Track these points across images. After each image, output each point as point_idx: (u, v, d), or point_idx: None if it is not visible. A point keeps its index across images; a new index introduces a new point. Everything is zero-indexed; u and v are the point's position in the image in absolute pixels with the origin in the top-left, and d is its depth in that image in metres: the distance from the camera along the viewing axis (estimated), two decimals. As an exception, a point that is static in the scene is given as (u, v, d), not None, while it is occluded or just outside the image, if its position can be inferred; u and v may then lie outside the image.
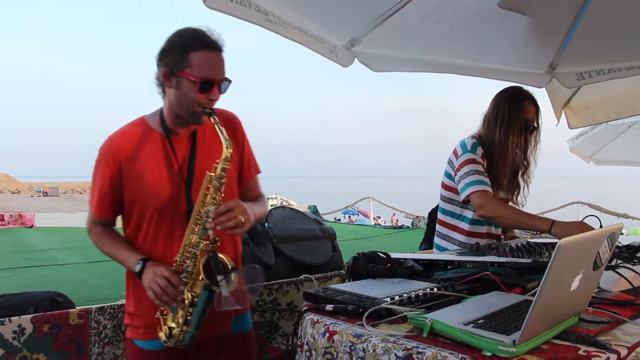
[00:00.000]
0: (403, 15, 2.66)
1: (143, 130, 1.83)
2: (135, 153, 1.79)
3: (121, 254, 1.82)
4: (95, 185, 1.83)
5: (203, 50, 1.68)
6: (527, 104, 2.61)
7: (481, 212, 2.48)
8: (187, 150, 1.83)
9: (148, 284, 1.68)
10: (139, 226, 1.83)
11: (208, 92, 1.70)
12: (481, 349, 1.13)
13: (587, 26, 2.88)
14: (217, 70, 1.71)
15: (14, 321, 2.10)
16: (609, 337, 1.25)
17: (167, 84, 1.75)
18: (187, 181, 1.79)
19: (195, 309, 1.68)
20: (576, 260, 1.20)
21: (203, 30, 1.71)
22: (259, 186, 2.06)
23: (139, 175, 1.78)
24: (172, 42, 1.71)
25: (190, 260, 1.69)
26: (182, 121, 1.80)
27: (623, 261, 1.95)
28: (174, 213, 1.79)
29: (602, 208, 8.93)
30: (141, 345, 1.86)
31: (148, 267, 1.72)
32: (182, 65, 1.68)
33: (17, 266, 4.40)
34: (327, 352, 1.34)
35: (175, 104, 1.75)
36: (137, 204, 1.80)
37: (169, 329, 1.73)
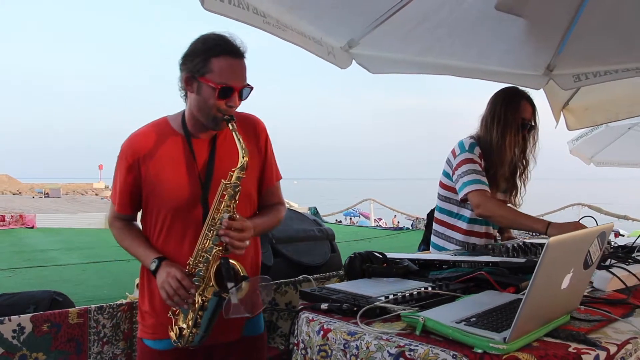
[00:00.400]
0: (401, 17, 2.68)
1: (164, 130, 1.86)
2: (154, 152, 1.82)
3: (139, 250, 1.84)
4: (117, 181, 1.87)
5: (224, 57, 1.69)
6: (523, 103, 2.63)
7: (478, 211, 2.50)
8: (206, 154, 1.84)
9: (161, 284, 1.71)
10: (154, 224, 1.86)
11: (228, 98, 1.71)
12: (472, 346, 1.15)
13: (584, 28, 2.90)
14: (238, 77, 1.72)
15: (14, 320, 2.11)
16: (600, 335, 1.26)
17: (188, 89, 1.77)
18: (204, 184, 1.81)
19: (205, 312, 1.70)
20: (566, 259, 1.21)
21: (226, 37, 1.73)
22: (280, 192, 2.07)
23: (158, 175, 1.81)
24: (195, 47, 1.73)
25: (203, 264, 1.70)
26: (202, 126, 1.81)
27: (617, 261, 1.96)
28: (189, 215, 1.81)
29: (603, 210, 8.92)
30: (150, 345, 1.88)
31: (163, 266, 1.75)
32: (203, 70, 1.69)
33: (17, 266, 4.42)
34: (322, 349, 1.36)
35: (195, 108, 1.77)
36: (154, 202, 1.83)
37: (179, 329, 1.74)
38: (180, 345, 1.75)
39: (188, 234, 1.81)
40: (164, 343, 1.83)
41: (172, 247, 1.83)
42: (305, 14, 2.44)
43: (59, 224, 9.42)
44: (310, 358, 1.41)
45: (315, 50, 2.54)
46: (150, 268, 1.77)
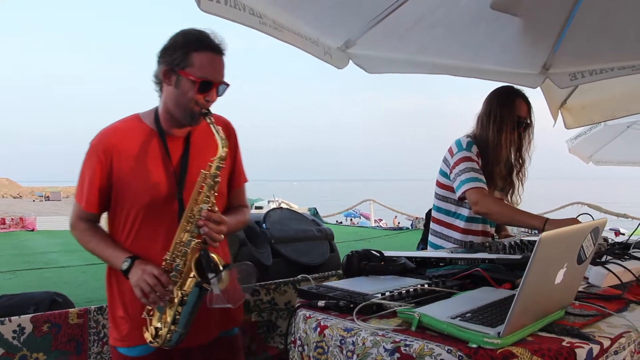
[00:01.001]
0: (397, 17, 2.69)
1: (137, 126, 1.83)
2: (127, 148, 1.79)
3: (107, 251, 1.80)
4: (85, 178, 1.81)
5: (205, 52, 1.71)
6: (518, 101, 2.65)
7: (476, 208, 2.51)
8: (181, 151, 1.84)
9: (136, 282, 1.68)
10: (123, 224, 1.82)
11: (206, 92, 1.72)
12: (467, 341, 1.16)
13: (579, 27, 2.91)
14: (217, 73, 1.74)
15: (14, 321, 2.13)
16: (594, 330, 1.28)
17: (166, 82, 1.75)
18: (179, 181, 1.80)
19: (184, 307, 1.69)
20: (559, 254, 1.22)
21: (207, 33, 1.74)
22: (245, 196, 2.08)
23: (131, 171, 1.78)
24: (175, 41, 1.73)
25: (181, 258, 1.70)
26: (176, 122, 1.81)
27: (613, 257, 1.97)
28: (163, 212, 1.79)
29: (602, 208, 8.92)
30: (125, 352, 1.84)
31: (136, 265, 1.72)
32: (184, 64, 1.70)
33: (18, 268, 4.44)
34: (319, 346, 1.37)
35: (172, 102, 1.76)
36: (125, 200, 1.79)
37: (155, 329, 1.72)
38: (157, 345, 1.72)
39: (161, 231, 1.79)
40: (139, 349, 1.80)
41: (143, 245, 1.79)
42: (301, 15, 2.45)
43: (59, 226, 9.43)
44: (308, 355, 1.42)
45: (312, 50, 2.55)
46: (121, 268, 1.73)
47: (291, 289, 2.87)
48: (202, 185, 1.70)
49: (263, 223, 3.46)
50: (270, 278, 2.94)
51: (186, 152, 1.84)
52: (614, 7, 2.77)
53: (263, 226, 3.42)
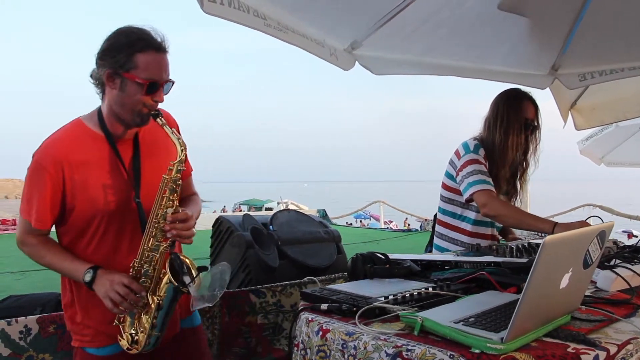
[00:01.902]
0: (403, 18, 2.68)
1: (82, 133, 1.76)
2: (77, 158, 1.71)
3: (65, 264, 1.72)
4: (34, 194, 1.70)
5: (149, 52, 1.65)
6: (525, 103, 2.62)
7: (485, 210, 2.48)
8: (131, 153, 1.80)
9: (105, 293, 1.64)
10: (81, 235, 1.75)
11: (154, 93, 1.68)
12: (470, 346, 1.14)
13: (588, 27, 2.88)
14: (163, 72, 1.69)
15: (21, 322, 2.14)
16: (600, 335, 1.25)
17: (110, 85, 1.69)
18: (134, 184, 1.76)
19: (160, 311, 1.68)
20: (564, 258, 1.20)
21: (148, 31, 1.68)
22: (193, 184, 2.06)
23: (85, 181, 1.71)
24: (116, 42, 1.66)
25: (149, 264, 1.69)
26: (124, 124, 1.75)
27: (623, 261, 1.94)
28: (123, 217, 1.75)
29: (614, 210, 8.81)
30: (93, 352, 1.79)
31: (100, 275, 1.67)
32: (128, 66, 1.64)
33: (27, 269, 4.46)
34: (321, 350, 1.36)
35: (117, 105, 1.70)
36: (83, 210, 1.72)
37: (130, 335, 1.71)
38: (136, 351, 1.71)
39: (124, 237, 1.76)
40: (109, 349, 1.78)
41: (105, 254, 1.75)
42: (306, 16, 2.45)
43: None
44: (310, 358, 1.41)
45: (318, 52, 2.54)
46: (84, 280, 1.66)
47: (297, 291, 2.86)
48: (164, 190, 1.68)
49: (270, 225, 3.45)
50: (276, 280, 2.93)
51: (137, 153, 1.80)
52: (624, 7, 2.73)
53: (270, 228, 3.42)
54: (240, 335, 2.70)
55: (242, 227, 3.27)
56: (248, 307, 2.72)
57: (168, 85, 1.72)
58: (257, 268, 3.04)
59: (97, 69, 1.70)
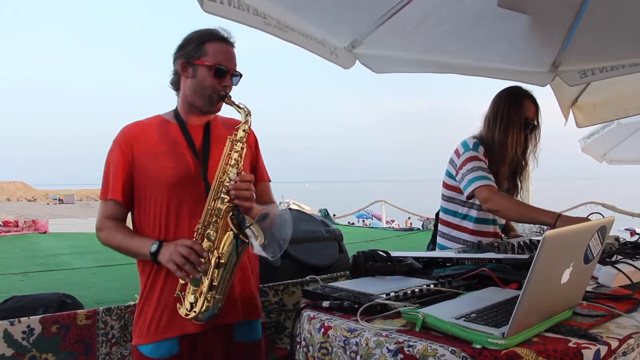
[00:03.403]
0: (403, 16, 2.68)
1: (157, 120, 1.93)
2: (148, 139, 1.86)
3: (134, 241, 1.82)
4: (109, 171, 1.86)
5: (217, 42, 1.84)
6: (526, 102, 2.61)
7: (487, 205, 2.48)
8: (201, 137, 1.91)
9: (169, 257, 1.69)
10: (152, 209, 1.84)
11: (222, 78, 1.83)
12: (471, 341, 1.15)
13: (589, 24, 2.88)
14: (231, 61, 1.86)
15: (23, 322, 2.14)
16: (602, 330, 1.25)
17: (184, 74, 1.86)
18: (203, 162, 1.85)
19: (220, 269, 1.70)
20: (565, 253, 1.20)
21: (216, 28, 1.88)
22: (271, 193, 2.12)
23: (153, 159, 1.84)
24: (188, 37, 1.86)
25: (213, 225, 1.73)
26: (197, 110, 1.89)
27: (624, 257, 1.94)
28: (190, 192, 1.83)
29: (617, 208, 8.80)
30: (147, 353, 1.83)
31: (166, 244, 1.74)
32: (198, 54, 1.82)
33: (30, 270, 4.48)
34: (323, 347, 1.37)
35: (191, 92, 1.86)
36: (150, 186, 1.83)
37: (190, 304, 1.72)
38: (192, 317, 1.71)
39: (188, 212, 1.82)
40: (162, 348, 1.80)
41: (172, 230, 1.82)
42: (306, 15, 2.45)
43: (71, 228, 9.49)
44: (312, 356, 1.42)
45: (318, 50, 2.54)
46: (150, 251, 1.74)
47: (299, 290, 2.86)
48: (229, 152, 1.77)
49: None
50: (278, 279, 2.93)
51: (207, 137, 1.92)
52: (624, 3, 2.73)
53: (271, 227, 3.42)
54: (243, 334, 2.70)
55: (244, 226, 3.27)
56: (250, 306, 2.73)
57: (236, 78, 1.87)
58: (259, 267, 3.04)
59: (173, 67, 1.89)
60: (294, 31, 2.33)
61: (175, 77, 1.91)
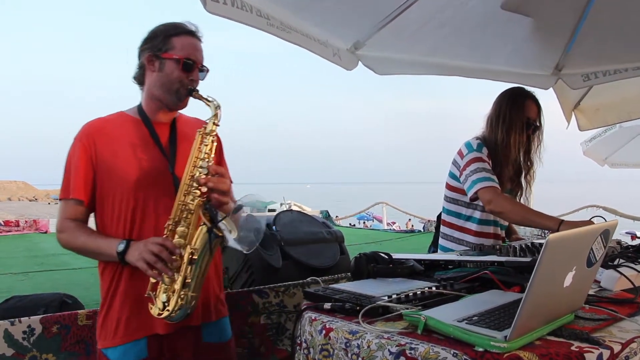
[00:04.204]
0: (406, 18, 2.68)
1: (120, 117, 1.87)
2: (111, 135, 1.80)
3: (99, 241, 1.75)
4: (70, 168, 1.79)
5: (185, 35, 1.80)
6: (528, 102, 2.61)
7: (490, 207, 2.47)
8: (167, 134, 1.86)
9: (139, 255, 1.62)
10: (117, 208, 1.77)
11: (190, 72, 1.79)
12: (473, 344, 1.14)
13: (592, 27, 2.87)
14: (198, 55, 1.82)
15: (24, 322, 2.14)
16: (604, 334, 1.25)
17: (150, 68, 1.81)
18: (170, 160, 1.81)
19: (193, 266, 1.64)
20: (567, 257, 1.20)
21: (183, 22, 1.84)
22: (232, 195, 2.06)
23: (117, 156, 1.77)
24: (155, 30, 1.82)
25: (184, 221, 1.68)
26: (163, 105, 1.84)
27: (627, 260, 1.94)
28: (157, 189, 1.77)
29: (618, 211, 8.77)
30: (113, 357, 1.77)
31: (134, 243, 1.68)
32: (166, 47, 1.78)
33: (31, 270, 4.48)
34: (324, 349, 1.36)
35: (157, 87, 1.81)
36: (114, 184, 1.76)
37: (162, 303, 1.66)
38: (166, 315, 1.65)
39: (157, 210, 1.77)
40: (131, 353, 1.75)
41: (139, 229, 1.76)
42: (309, 16, 2.45)
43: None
44: (313, 358, 1.41)
45: (320, 51, 2.54)
46: (117, 250, 1.67)
47: (300, 291, 2.85)
48: (199, 144, 1.73)
49: (273, 225, 3.45)
50: (280, 280, 2.93)
51: (173, 135, 1.87)
52: (628, 6, 2.72)
53: (273, 228, 3.41)
54: (244, 336, 2.70)
55: (245, 227, 3.26)
56: (251, 307, 2.72)
57: (203, 73, 1.83)
58: (260, 268, 3.04)
59: (139, 60, 1.84)
60: (297, 32, 2.33)
61: (139, 71, 1.85)
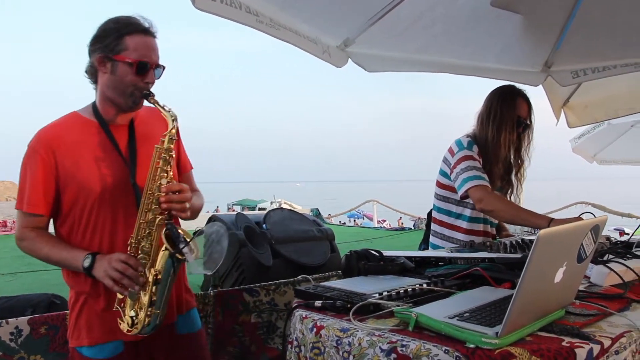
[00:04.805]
0: (396, 15, 2.67)
1: (76, 121, 1.78)
2: (70, 143, 1.72)
3: (63, 253, 1.70)
4: (26, 180, 1.71)
5: (138, 34, 1.70)
6: (519, 100, 2.62)
7: (480, 205, 2.48)
8: (126, 138, 1.80)
9: (104, 272, 1.61)
10: (78, 220, 1.73)
11: (144, 74, 1.71)
12: (465, 341, 1.14)
13: (581, 24, 2.89)
14: (153, 54, 1.73)
15: (11, 323, 2.12)
16: (594, 329, 1.25)
17: (101, 70, 1.72)
18: (131, 167, 1.76)
19: (159, 286, 1.65)
20: (558, 253, 1.20)
21: (136, 17, 1.73)
22: (194, 182, 2.05)
23: (78, 165, 1.71)
24: (106, 28, 1.71)
25: (147, 239, 1.66)
26: (118, 108, 1.77)
27: (616, 256, 1.95)
28: (119, 200, 1.74)
29: (607, 208, 8.85)
30: (88, 354, 1.75)
31: (99, 259, 1.65)
32: (118, 48, 1.68)
33: (18, 271, 4.43)
34: (315, 346, 1.35)
35: (110, 89, 1.73)
36: (77, 194, 1.71)
37: (131, 318, 1.67)
38: (135, 333, 1.67)
39: (119, 222, 1.74)
40: (105, 349, 1.74)
41: (102, 241, 1.73)
42: (299, 13, 2.43)
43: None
44: (304, 356, 1.40)
45: (310, 48, 2.53)
46: (83, 266, 1.65)
47: (291, 289, 2.85)
48: (157, 161, 1.68)
49: (263, 224, 3.44)
50: (270, 279, 2.92)
51: (132, 138, 1.80)
52: (617, 4, 2.74)
53: (263, 227, 3.40)
54: (234, 335, 2.69)
55: (236, 225, 3.26)
56: (242, 306, 2.71)
57: (159, 70, 1.75)
58: (250, 267, 3.03)
59: (89, 58, 1.74)
60: (286, 29, 2.32)
61: (91, 69, 1.76)
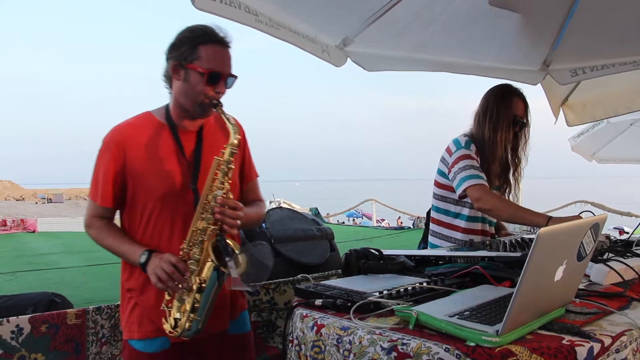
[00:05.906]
0: (394, 15, 2.68)
1: (149, 122, 1.86)
2: (140, 142, 1.81)
3: (124, 246, 1.80)
4: (99, 173, 1.82)
5: (212, 44, 1.74)
6: (515, 100, 2.62)
7: (479, 204, 2.48)
8: (193, 144, 1.86)
9: (153, 270, 1.68)
10: (139, 219, 1.83)
11: (215, 84, 1.75)
12: (465, 339, 1.14)
13: (579, 23, 2.89)
14: (225, 65, 1.77)
15: (12, 321, 2.11)
16: (595, 327, 1.26)
17: (175, 77, 1.79)
18: (194, 172, 1.81)
19: (202, 294, 1.69)
20: (558, 251, 1.20)
21: (212, 27, 1.78)
22: (259, 189, 2.10)
23: (145, 163, 1.79)
24: (182, 37, 1.77)
25: (198, 246, 1.70)
26: (188, 114, 1.83)
27: (616, 255, 1.95)
28: (178, 203, 1.80)
29: (606, 207, 8.87)
30: (139, 347, 1.83)
31: (154, 256, 1.72)
32: (191, 57, 1.73)
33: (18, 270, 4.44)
34: (316, 345, 1.36)
35: (182, 96, 1.79)
36: (141, 192, 1.80)
37: (174, 320, 1.71)
38: (176, 335, 1.72)
39: (177, 223, 1.80)
40: (155, 345, 1.81)
41: (160, 239, 1.81)
42: (298, 13, 2.44)
43: (60, 227, 9.43)
44: (305, 354, 1.41)
45: (309, 48, 2.53)
46: (139, 261, 1.73)
47: (291, 288, 2.85)
48: (215, 172, 1.71)
49: (263, 223, 3.44)
50: (270, 277, 2.92)
51: (199, 145, 1.86)
52: (615, 2, 2.75)
53: (263, 226, 3.40)
54: (234, 333, 2.69)
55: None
56: (242, 305, 2.71)
57: (231, 80, 1.79)
58: (250, 266, 3.03)
59: (166, 64, 1.81)
60: (285, 29, 2.32)
61: (167, 75, 1.84)
